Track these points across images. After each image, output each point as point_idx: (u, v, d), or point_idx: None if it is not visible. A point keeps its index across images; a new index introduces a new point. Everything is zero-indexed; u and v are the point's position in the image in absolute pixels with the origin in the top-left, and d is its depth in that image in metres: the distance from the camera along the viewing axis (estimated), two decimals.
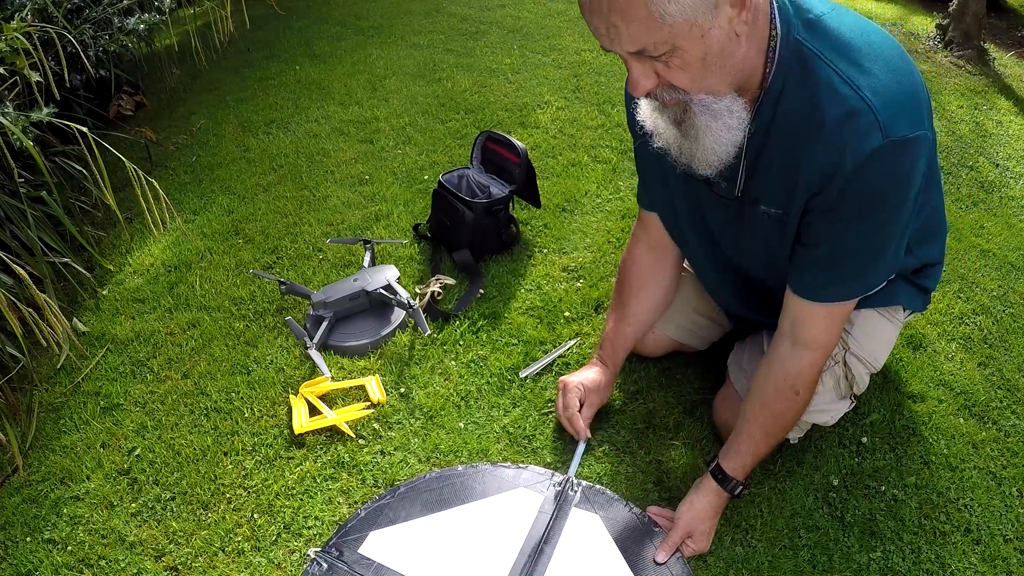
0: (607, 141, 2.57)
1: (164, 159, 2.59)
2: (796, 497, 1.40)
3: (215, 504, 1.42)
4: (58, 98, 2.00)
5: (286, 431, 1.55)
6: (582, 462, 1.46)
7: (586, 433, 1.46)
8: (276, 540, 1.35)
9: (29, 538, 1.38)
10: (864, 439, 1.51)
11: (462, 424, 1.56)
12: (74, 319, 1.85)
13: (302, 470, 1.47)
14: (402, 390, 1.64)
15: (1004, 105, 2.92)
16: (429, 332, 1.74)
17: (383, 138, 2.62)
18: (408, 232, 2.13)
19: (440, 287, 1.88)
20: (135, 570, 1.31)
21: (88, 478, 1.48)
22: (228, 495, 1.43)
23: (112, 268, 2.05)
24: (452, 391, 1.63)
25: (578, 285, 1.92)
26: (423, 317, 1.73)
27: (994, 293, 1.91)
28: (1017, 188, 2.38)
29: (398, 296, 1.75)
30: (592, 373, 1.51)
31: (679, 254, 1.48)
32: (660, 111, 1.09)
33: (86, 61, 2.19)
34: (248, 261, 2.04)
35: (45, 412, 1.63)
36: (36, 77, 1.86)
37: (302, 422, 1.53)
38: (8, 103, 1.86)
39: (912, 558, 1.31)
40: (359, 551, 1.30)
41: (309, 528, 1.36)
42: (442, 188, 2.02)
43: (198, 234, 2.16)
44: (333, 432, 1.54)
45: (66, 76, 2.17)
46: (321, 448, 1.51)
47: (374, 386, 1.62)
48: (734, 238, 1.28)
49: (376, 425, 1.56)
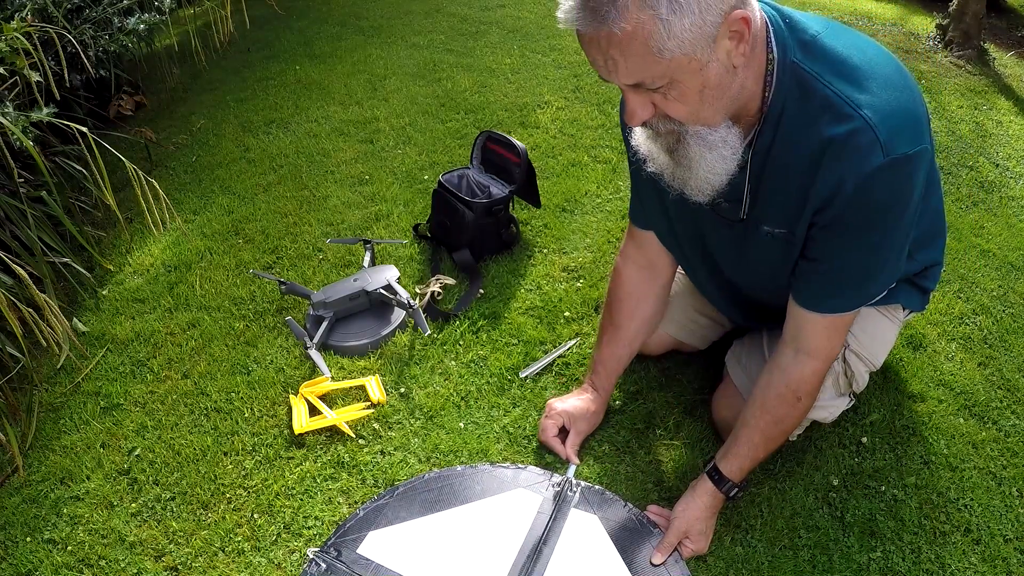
0: (607, 141, 2.57)
1: (164, 159, 2.60)
2: (796, 497, 1.40)
3: (215, 504, 1.42)
4: (58, 98, 2.00)
5: (286, 431, 1.55)
6: (582, 463, 1.46)
7: (574, 460, 1.44)
8: (276, 540, 1.35)
9: (29, 538, 1.38)
10: (864, 439, 1.51)
11: (462, 424, 1.56)
12: (74, 319, 1.85)
13: (302, 470, 1.47)
14: (402, 390, 1.64)
15: (1004, 105, 2.92)
16: (429, 332, 1.74)
17: (383, 138, 2.62)
18: (408, 232, 2.12)
19: (440, 287, 1.88)
20: (135, 570, 1.32)
21: (88, 478, 1.48)
22: (228, 495, 1.43)
23: (112, 268, 2.05)
24: (452, 391, 1.63)
25: (578, 285, 1.92)
26: (423, 317, 1.73)
27: (994, 293, 1.91)
28: (1017, 188, 2.38)
29: (398, 296, 1.75)
30: (579, 401, 1.49)
31: (670, 273, 1.47)
32: (654, 139, 1.09)
33: (86, 61, 2.19)
34: (248, 261, 2.04)
35: (45, 412, 1.63)
36: (36, 77, 1.86)
37: (302, 422, 1.53)
38: (8, 103, 1.86)
39: (912, 558, 1.31)
40: (358, 551, 1.30)
41: (309, 528, 1.36)
42: (442, 188, 2.02)
43: (198, 234, 2.16)
44: (333, 432, 1.54)
45: (66, 76, 2.17)
46: (321, 448, 1.51)
47: (374, 386, 1.62)
48: (736, 259, 1.29)
49: (376, 425, 1.56)
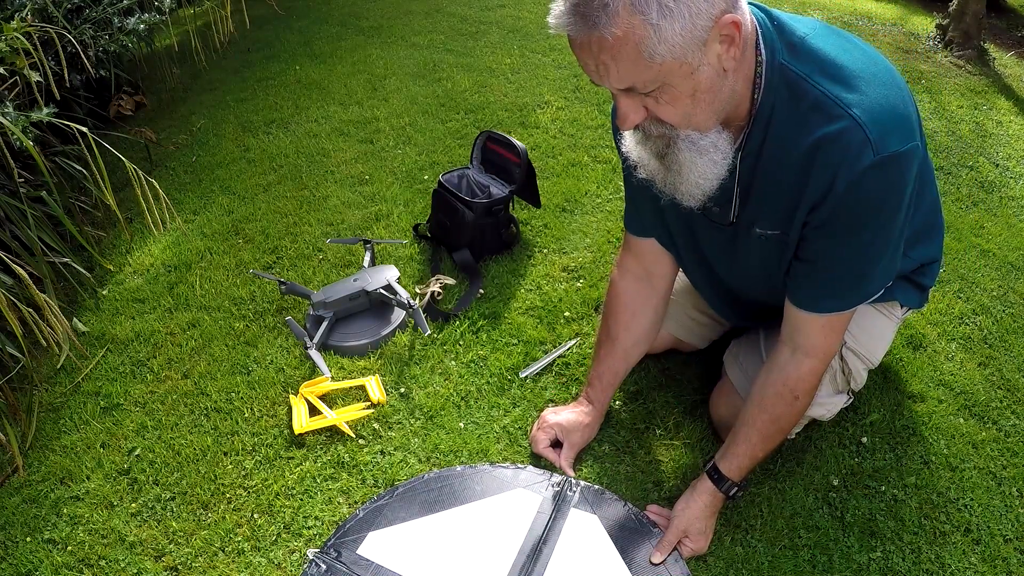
0: (607, 141, 2.56)
1: (164, 159, 2.60)
2: (796, 497, 1.40)
3: (215, 504, 1.42)
4: (58, 98, 2.01)
5: (286, 431, 1.55)
6: (581, 463, 1.46)
7: (570, 473, 1.43)
8: (276, 540, 1.35)
9: (29, 538, 1.38)
10: (864, 439, 1.51)
11: (462, 424, 1.56)
12: (74, 319, 1.85)
13: (302, 470, 1.47)
14: (402, 390, 1.64)
15: (1004, 105, 2.92)
16: (429, 332, 1.74)
17: (383, 138, 2.62)
18: (408, 232, 2.12)
19: (440, 287, 1.87)
20: (135, 570, 1.32)
21: (88, 478, 1.48)
22: (228, 495, 1.43)
23: (112, 268, 2.05)
24: (452, 391, 1.63)
25: (578, 285, 1.92)
26: (423, 317, 1.73)
27: (994, 293, 1.91)
28: (1017, 188, 2.38)
29: (398, 296, 1.75)
30: (574, 414, 1.48)
31: (669, 282, 1.46)
32: (644, 143, 1.09)
33: (86, 61, 2.19)
34: (248, 261, 2.04)
35: (45, 412, 1.63)
36: (36, 77, 1.86)
37: (302, 422, 1.53)
38: (8, 103, 1.86)
39: (912, 558, 1.31)
40: (357, 552, 1.30)
41: (309, 528, 1.36)
42: (442, 188, 2.02)
43: (198, 234, 2.16)
44: (333, 432, 1.54)
45: (66, 76, 2.17)
46: (321, 448, 1.51)
47: (374, 386, 1.62)
48: (729, 262, 1.29)
49: (376, 425, 1.56)
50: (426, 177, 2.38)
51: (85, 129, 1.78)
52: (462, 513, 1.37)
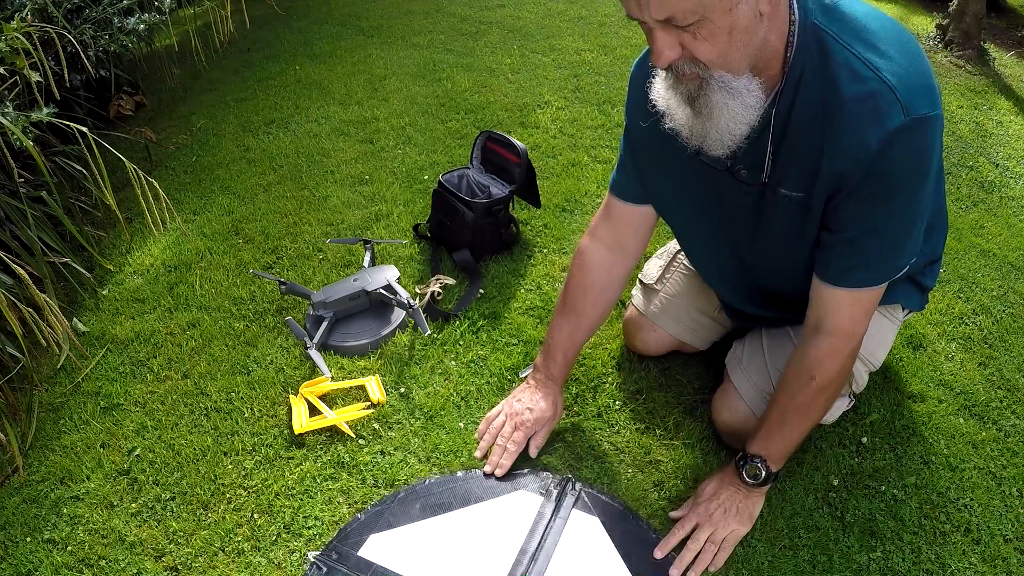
0: (607, 141, 2.57)
1: (164, 159, 2.60)
2: (796, 497, 1.40)
3: (215, 504, 1.42)
4: (58, 98, 2.01)
5: (286, 431, 1.55)
6: (581, 464, 1.46)
7: (533, 454, 1.45)
8: (276, 540, 1.35)
9: (29, 538, 1.38)
10: (864, 439, 1.51)
11: (462, 424, 1.56)
12: (74, 319, 1.85)
13: (302, 470, 1.47)
14: (402, 390, 1.64)
15: (1004, 105, 2.92)
16: (429, 332, 1.74)
17: (383, 138, 2.62)
18: (408, 232, 2.12)
19: (440, 287, 1.87)
20: (135, 570, 1.32)
21: (88, 478, 1.48)
22: (228, 495, 1.43)
23: (112, 268, 2.05)
24: (452, 391, 1.63)
25: None
26: (423, 317, 1.73)
27: (994, 293, 1.91)
28: (1017, 188, 2.38)
29: (398, 296, 1.75)
30: (543, 402, 1.46)
31: (637, 256, 1.45)
32: (675, 88, 1.08)
33: (86, 61, 2.19)
34: (248, 261, 2.04)
35: (45, 412, 1.63)
36: (36, 77, 1.86)
37: (302, 422, 1.53)
38: (8, 103, 1.86)
39: (912, 558, 1.31)
40: (358, 554, 1.30)
41: (309, 528, 1.36)
42: (442, 188, 2.02)
43: (198, 234, 2.16)
44: (333, 432, 1.54)
45: (66, 76, 2.18)
46: (321, 448, 1.51)
47: (374, 386, 1.62)
48: (751, 230, 1.26)
49: (376, 425, 1.56)
50: (426, 177, 2.38)
51: (85, 129, 1.78)
52: (463, 515, 1.37)
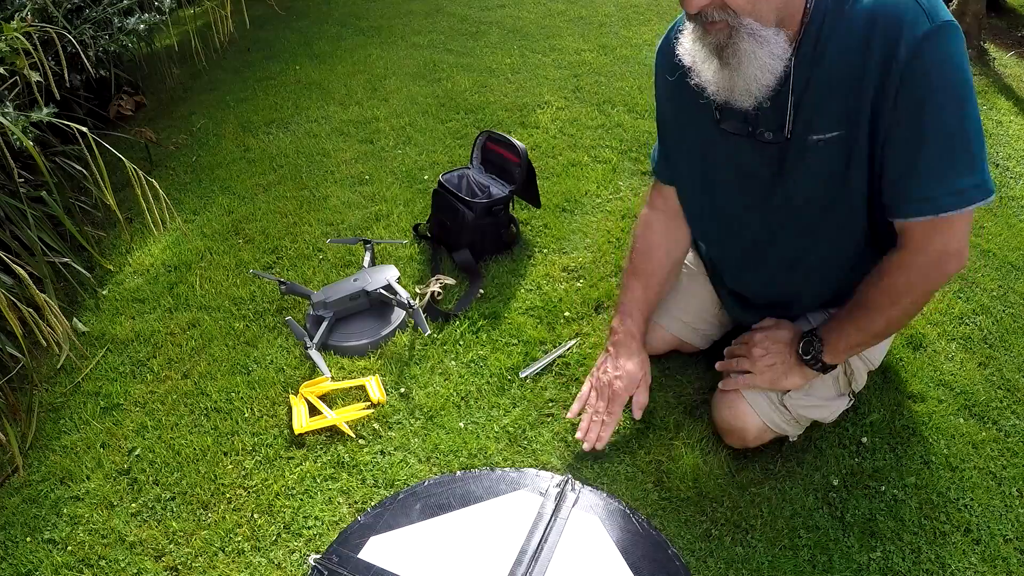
0: (607, 141, 2.57)
1: (164, 159, 2.60)
2: (796, 497, 1.40)
3: (215, 504, 1.42)
4: (58, 98, 2.01)
5: (286, 431, 1.55)
6: (581, 463, 1.46)
7: (637, 415, 1.46)
8: (276, 540, 1.35)
9: (29, 538, 1.38)
10: (864, 439, 1.51)
11: (462, 424, 1.56)
12: (74, 319, 1.85)
13: (302, 470, 1.47)
14: (402, 390, 1.64)
15: (1004, 105, 2.92)
16: (429, 332, 1.74)
17: (383, 138, 2.62)
18: (408, 232, 2.12)
19: (440, 287, 1.87)
20: (135, 570, 1.32)
21: (88, 478, 1.48)
22: (228, 495, 1.43)
23: (112, 268, 2.05)
24: (452, 391, 1.63)
25: (578, 285, 1.92)
26: (423, 317, 1.73)
27: (994, 293, 1.91)
28: (1017, 188, 2.38)
29: (398, 296, 1.75)
30: (629, 364, 1.45)
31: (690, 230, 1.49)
32: (702, 39, 1.11)
33: (86, 61, 2.19)
34: (248, 261, 2.04)
35: (45, 412, 1.63)
36: (36, 77, 1.86)
37: (302, 422, 1.53)
38: (8, 103, 1.86)
39: (912, 558, 1.31)
40: (359, 556, 1.30)
41: (309, 528, 1.36)
42: (442, 188, 2.02)
43: (198, 234, 2.16)
44: (333, 432, 1.54)
45: (66, 76, 2.18)
46: (321, 448, 1.51)
47: (374, 386, 1.62)
48: (779, 193, 1.25)
49: (376, 425, 1.56)
50: (426, 177, 2.38)
51: (85, 129, 1.78)
52: (463, 516, 1.37)
